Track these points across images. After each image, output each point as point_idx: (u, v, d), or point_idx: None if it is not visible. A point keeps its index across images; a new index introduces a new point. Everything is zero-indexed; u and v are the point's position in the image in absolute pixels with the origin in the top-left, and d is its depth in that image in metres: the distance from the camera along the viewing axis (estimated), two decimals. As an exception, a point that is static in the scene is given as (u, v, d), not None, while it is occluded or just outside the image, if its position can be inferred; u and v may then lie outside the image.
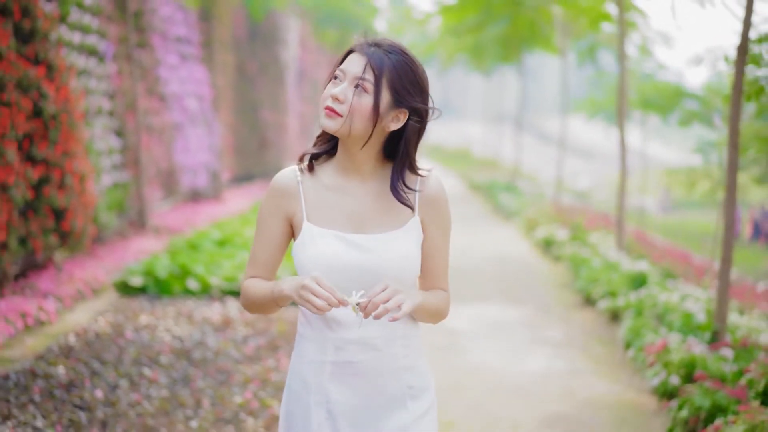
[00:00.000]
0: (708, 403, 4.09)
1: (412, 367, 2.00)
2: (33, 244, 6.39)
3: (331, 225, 1.95)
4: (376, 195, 1.98)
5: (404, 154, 1.94)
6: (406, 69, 1.90)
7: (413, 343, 2.01)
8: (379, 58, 1.88)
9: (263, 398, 4.33)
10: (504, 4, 12.19)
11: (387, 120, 1.91)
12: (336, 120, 1.88)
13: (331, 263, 1.91)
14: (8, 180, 5.85)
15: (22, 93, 6.21)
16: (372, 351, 1.95)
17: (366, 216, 1.97)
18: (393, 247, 1.94)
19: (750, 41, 5.11)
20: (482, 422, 4.40)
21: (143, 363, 4.87)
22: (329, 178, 1.99)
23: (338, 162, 1.99)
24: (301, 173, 2.00)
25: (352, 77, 1.88)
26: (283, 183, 2.00)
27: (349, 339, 1.94)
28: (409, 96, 1.90)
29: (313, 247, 1.93)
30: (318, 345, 1.96)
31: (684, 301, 6.39)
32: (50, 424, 3.84)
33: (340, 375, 1.95)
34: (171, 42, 11.37)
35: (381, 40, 1.93)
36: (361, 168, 1.97)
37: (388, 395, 1.97)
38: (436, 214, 2.00)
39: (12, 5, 6.12)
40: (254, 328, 5.72)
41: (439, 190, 2.01)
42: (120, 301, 6.47)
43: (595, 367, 5.52)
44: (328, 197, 1.98)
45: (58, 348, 5.07)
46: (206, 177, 12.78)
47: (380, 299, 1.80)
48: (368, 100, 1.87)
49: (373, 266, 1.92)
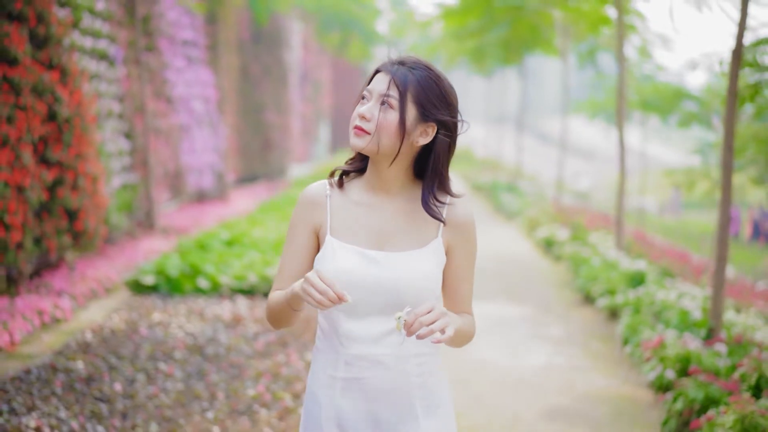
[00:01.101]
0: (701, 395, 4.27)
1: (425, 385, 1.98)
2: (47, 244, 6.58)
3: (354, 240, 1.96)
4: (402, 213, 1.99)
5: (434, 169, 1.95)
6: (431, 83, 1.91)
7: (428, 362, 1.99)
8: (403, 74, 1.90)
9: (275, 391, 4.52)
10: (505, 8, 12.35)
11: (415, 135, 1.92)
12: (364, 138, 1.91)
13: (348, 278, 1.91)
14: (24, 182, 6.03)
15: (38, 97, 6.39)
16: (381, 368, 1.94)
17: (390, 233, 1.97)
18: (413, 266, 1.93)
19: (744, 46, 5.29)
20: (485, 414, 4.59)
21: (158, 358, 5.05)
22: (357, 195, 2.01)
23: (367, 179, 2.00)
24: (331, 188, 2.02)
25: (378, 95, 1.91)
26: (312, 195, 2.02)
27: (359, 355, 1.94)
28: (435, 110, 1.91)
29: (333, 261, 1.93)
30: (330, 360, 1.98)
31: (681, 299, 6.57)
32: (73, 415, 4.02)
33: (350, 391, 1.95)
34: (178, 45, 11.56)
35: (406, 57, 1.95)
36: (390, 185, 1.98)
37: (399, 413, 1.96)
38: (463, 239, 2.01)
39: (28, 12, 6.30)
40: (264, 326, 5.91)
41: (467, 216, 2.01)
42: (133, 299, 6.66)
43: (593, 363, 5.70)
44: (354, 213, 1.99)
45: (75, 344, 5.25)
46: (212, 178, 12.97)
47: (426, 320, 1.77)
48: (394, 116, 1.89)
49: (390, 283, 1.91)
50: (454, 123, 1.95)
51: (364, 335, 1.93)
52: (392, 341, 1.93)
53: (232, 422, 4.07)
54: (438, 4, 14.32)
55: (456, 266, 2.01)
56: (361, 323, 1.93)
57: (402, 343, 1.93)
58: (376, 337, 1.93)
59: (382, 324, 1.93)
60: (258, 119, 17.35)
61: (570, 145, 34.69)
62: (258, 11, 14.91)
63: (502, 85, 30.11)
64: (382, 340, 1.93)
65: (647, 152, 17.73)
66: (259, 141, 17.50)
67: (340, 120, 32.02)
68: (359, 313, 1.93)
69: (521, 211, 14.76)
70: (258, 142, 17.46)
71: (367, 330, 1.93)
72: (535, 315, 7.14)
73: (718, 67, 5.91)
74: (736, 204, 20.13)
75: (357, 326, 1.93)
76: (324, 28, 22.34)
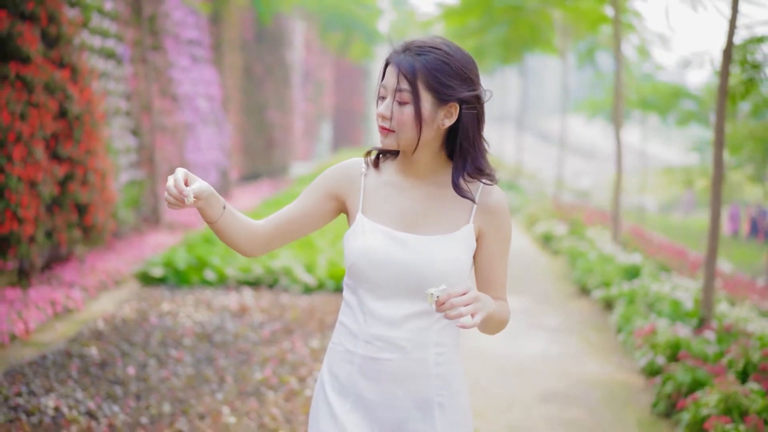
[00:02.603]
0: (689, 378, 4.46)
1: (444, 375, 1.96)
2: (58, 237, 6.77)
3: (383, 221, 1.95)
4: (433, 197, 1.96)
5: (462, 147, 1.91)
6: (440, 65, 1.85)
7: (448, 352, 1.97)
8: (409, 63, 1.86)
9: (282, 375, 4.71)
10: (505, 8, 12.55)
11: (438, 120, 1.89)
12: (390, 136, 1.90)
13: (374, 258, 1.91)
14: (37, 177, 6.22)
15: (49, 94, 6.59)
16: (398, 352, 1.92)
17: (420, 216, 1.95)
18: (440, 250, 1.90)
19: (735, 45, 5.48)
20: (485, 396, 4.78)
21: (169, 345, 5.25)
22: (390, 176, 2.00)
23: (399, 161, 1.99)
24: (366, 167, 2.02)
25: (392, 90, 1.88)
26: (347, 168, 2.02)
27: (377, 335, 1.92)
28: (451, 90, 1.86)
29: (362, 239, 1.93)
30: (352, 335, 1.96)
31: (674, 291, 6.76)
32: (89, 396, 4.22)
33: (368, 370, 1.94)
34: (183, 44, 11.77)
35: (410, 42, 1.90)
36: (420, 169, 1.97)
37: (415, 400, 1.94)
38: (496, 225, 1.97)
39: (40, 12, 6.50)
40: (269, 315, 6.11)
41: (501, 201, 1.97)
42: (142, 291, 6.86)
43: (588, 351, 5.90)
44: (386, 193, 1.98)
45: (88, 332, 5.46)
46: (216, 175, 13.17)
47: (459, 301, 1.73)
48: (410, 110, 1.86)
49: (416, 266, 1.89)
50: (476, 96, 1.89)
51: (386, 316, 1.92)
52: (414, 326, 1.92)
53: (241, 403, 4.27)
54: (439, 4, 14.53)
55: (489, 252, 1.98)
56: (385, 304, 1.92)
57: (432, 312, 1.91)
58: (397, 320, 1.91)
59: (405, 307, 1.92)
60: (261, 118, 17.56)
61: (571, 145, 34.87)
62: (261, 11, 15.11)
63: (503, 84, 30.31)
64: (403, 324, 1.92)
65: (647, 151, 17.92)
66: (262, 139, 17.70)
67: (342, 119, 32.24)
68: (384, 294, 1.92)
69: (521, 208, 14.96)
70: (261, 140, 17.66)
71: (389, 311, 1.92)
72: (533, 306, 7.34)
73: (709, 65, 6.08)
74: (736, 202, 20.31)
75: (380, 306, 1.92)
76: (326, 28, 22.55)
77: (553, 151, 34.20)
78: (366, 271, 1.92)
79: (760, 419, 3.73)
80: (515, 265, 9.62)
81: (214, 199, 1.89)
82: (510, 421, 4.41)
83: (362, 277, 1.93)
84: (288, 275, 7.19)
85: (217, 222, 1.91)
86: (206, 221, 1.93)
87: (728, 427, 3.70)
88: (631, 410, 4.66)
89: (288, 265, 7.29)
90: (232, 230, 1.95)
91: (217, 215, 1.90)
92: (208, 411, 4.13)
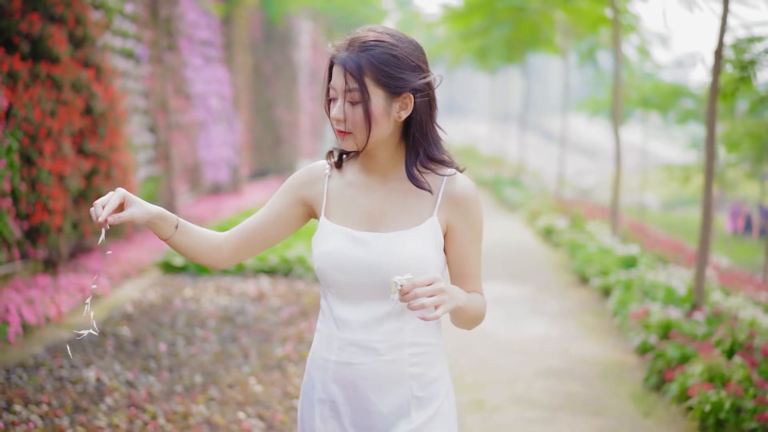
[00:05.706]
0: (678, 354, 4.84)
1: (420, 375, 1.90)
2: (83, 228, 7.15)
3: (345, 222, 1.91)
4: (396, 193, 1.91)
5: (414, 136, 1.87)
6: (387, 57, 1.81)
7: (427, 351, 1.91)
8: (354, 61, 1.81)
9: (301, 351, 5.10)
10: (508, 9, 12.92)
11: (394, 113, 1.84)
12: (347, 138, 1.86)
13: (337, 261, 1.87)
14: (65, 171, 6.60)
15: (76, 93, 6.97)
16: (373, 355, 1.87)
17: (383, 214, 1.90)
18: (401, 247, 1.85)
19: (725, 45, 5.84)
20: (488, 372, 5.16)
21: (195, 325, 5.64)
22: (354, 175, 1.95)
23: (361, 160, 1.95)
24: (330, 169, 1.98)
25: (342, 91, 1.83)
26: (313, 171, 2.00)
27: (350, 340, 1.88)
28: (402, 81, 1.82)
29: (326, 242, 1.90)
30: (326, 342, 1.93)
31: (669, 279, 7.13)
32: (127, 368, 4.61)
33: (342, 375, 1.90)
34: (196, 45, 12.16)
35: (353, 38, 1.85)
36: (382, 165, 1.92)
37: (391, 402, 1.89)
38: (463, 215, 1.91)
39: (67, 14, 6.88)
40: (286, 300, 6.49)
41: (466, 189, 1.91)
42: (164, 278, 7.25)
43: (586, 333, 6.27)
44: (350, 194, 1.93)
45: (119, 314, 5.85)
46: (227, 172, 13.56)
47: (423, 292, 1.68)
48: (361, 109, 1.82)
49: (377, 264, 1.84)
50: (427, 83, 1.86)
51: (356, 320, 1.88)
52: (386, 328, 1.87)
53: (265, 374, 4.65)
54: (443, 5, 14.90)
55: (459, 244, 1.92)
56: (353, 308, 1.89)
57: (393, 306, 1.86)
58: (368, 323, 1.87)
59: (374, 310, 1.87)
60: (269, 116, 17.94)
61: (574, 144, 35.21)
62: (272, 11, 15.49)
63: (506, 83, 30.64)
64: (375, 327, 1.87)
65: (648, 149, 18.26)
66: (270, 137, 18.09)
67: (347, 118, 32.48)
68: (351, 298, 1.89)
69: (523, 204, 15.33)
70: (269, 138, 18.04)
71: (358, 315, 1.88)
72: (534, 294, 7.72)
73: (701, 65, 6.43)
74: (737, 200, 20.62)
75: (349, 311, 1.88)
76: (333, 28, 22.93)
77: (556, 149, 34.52)
78: (331, 275, 1.89)
79: (740, 386, 4.10)
80: (517, 257, 9.99)
81: (160, 220, 1.88)
82: (513, 393, 4.79)
83: (329, 282, 1.90)
84: (302, 264, 7.58)
85: (169, 240, 1.91)
86: (159, 238, 1.95)
87: (710, 392, 4.06)
88: (625, 384, 5.03)
89: (302, 254, 7.68)
90: (187, 246, 1.94)
91: (166, 234, 1.90)
92: (236, 381, 4.52)
